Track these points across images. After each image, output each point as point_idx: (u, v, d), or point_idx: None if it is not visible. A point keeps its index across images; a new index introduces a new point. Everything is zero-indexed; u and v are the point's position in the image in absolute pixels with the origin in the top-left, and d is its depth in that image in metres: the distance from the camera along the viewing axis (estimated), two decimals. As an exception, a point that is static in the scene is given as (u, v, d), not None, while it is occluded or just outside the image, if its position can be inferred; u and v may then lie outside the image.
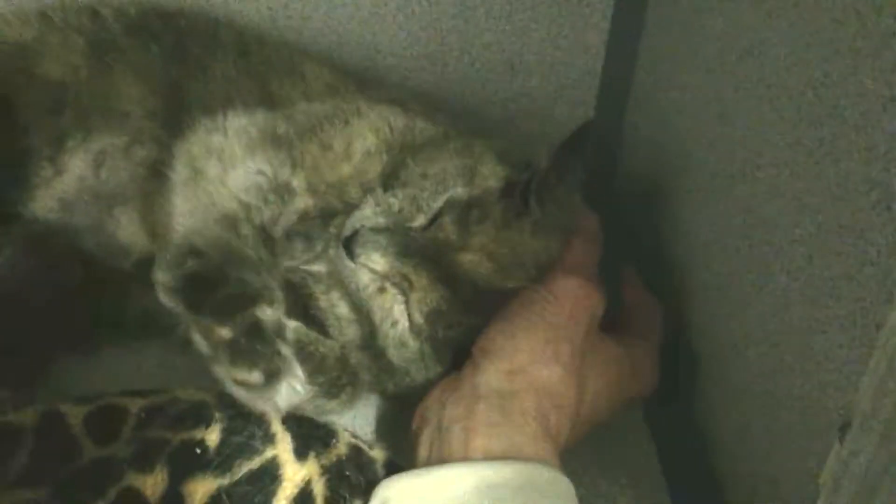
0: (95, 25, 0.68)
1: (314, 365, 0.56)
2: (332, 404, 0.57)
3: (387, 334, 0.55)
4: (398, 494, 0.44)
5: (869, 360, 0.41)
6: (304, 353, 0.55)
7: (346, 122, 0.60)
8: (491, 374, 0.50)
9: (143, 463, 0.44)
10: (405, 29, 0.79)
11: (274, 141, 0.59)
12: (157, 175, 0.63)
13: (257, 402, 0.48)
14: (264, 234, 0.57)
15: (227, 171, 0.58)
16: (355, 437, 0.49)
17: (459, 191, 0.55)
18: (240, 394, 0.48)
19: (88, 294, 0.65)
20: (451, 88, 0.82)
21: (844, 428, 0.41)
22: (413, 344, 0.54)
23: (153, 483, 0.43)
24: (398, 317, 0.54)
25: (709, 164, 0.61)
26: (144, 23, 0.69)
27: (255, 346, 0.48)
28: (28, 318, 0.62)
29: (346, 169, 0.59)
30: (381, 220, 0.55)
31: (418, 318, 0.54)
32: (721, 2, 0.60)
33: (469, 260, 0.53)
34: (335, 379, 0.57)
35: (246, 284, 0.52)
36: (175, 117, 0.64)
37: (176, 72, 0.66)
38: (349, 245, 0.54)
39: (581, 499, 0.47)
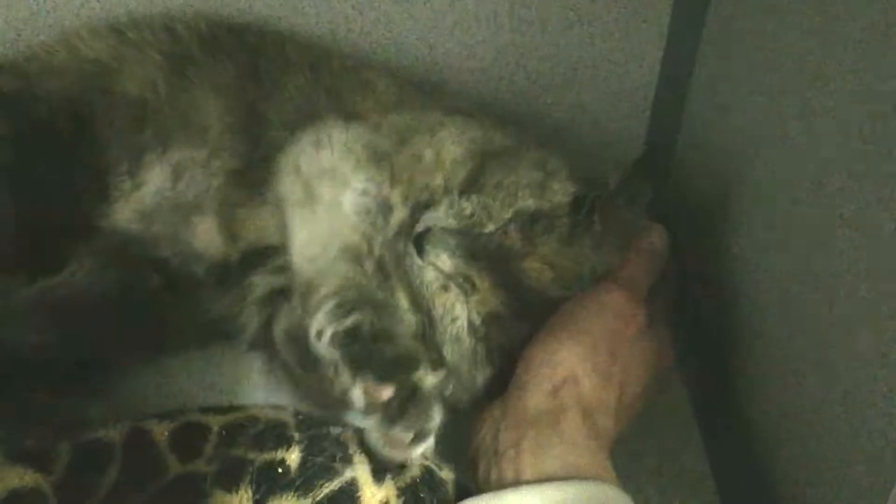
0: (171, 40, 0.69)
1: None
2: None
3: (445, 329, 0.58)
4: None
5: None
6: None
7: (433, 133, 0.62)
8: (537, 396, 0.52)
9: (229, 482, 0.46)
10: (463, 43, 0.80)
11: (376, 156, 0.61)
12: (235, 184, 0.65)
13: (394, 454, 0.49)
14: (382, 266, 0.59)
15: (340, 194, 0.59)
16: (426, 458, 0.51)
17: (530, 202, 0.58)
18: (380, 447, 0.49)
19: (160, 301, 0.67)
20: (506, 101, 0.83)
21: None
22: (468, 341, 0.57)
23: (238, 502, 0.45)
24: (458, 314, 0.57)
25: (767, 186, 0.62)
26: (217, 38, 0.70)
27: (411, 409, 0.49)
28: (105, 328, 0.65)
29: (437, 179, 0.60)
30: (453, 223, 0.58)
31: (476, 319, 0.57)
32: (785, 25, 0.60)
33: (532, 268, 0.57)
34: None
35: (406, 345, 0.52)
36: (255, 131, 0.66)
37: (252, 87, 0.68)
38: (419, 242, 0.57)
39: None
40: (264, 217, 0.64)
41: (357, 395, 0.49)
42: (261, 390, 0.66)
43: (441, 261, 0.57)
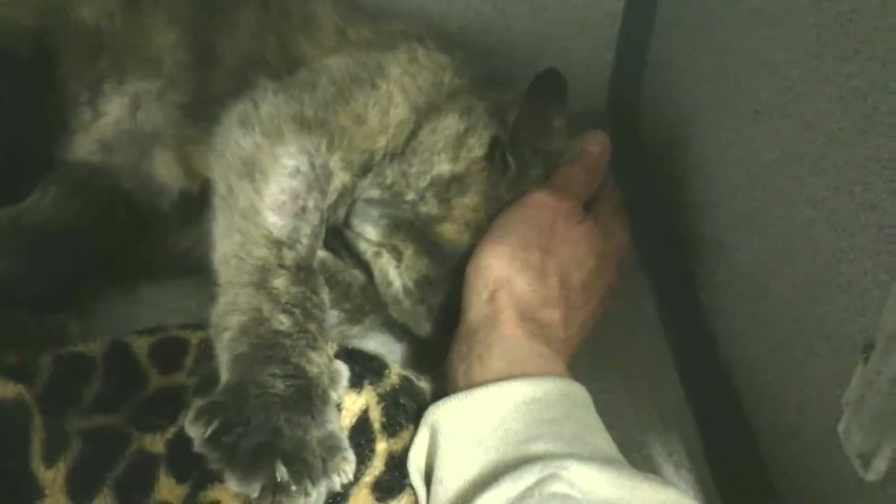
0: None
1: (339, 292, 0.60)
2: (355, 330, 0.62)
3: (385, 293, 0.59)
4: (446, 416, 0.47)
5: (892, 285, 0.43)
6: (332, 281, 0.59)
7: (374, 85, 0.60)
8: (476, 306, 0.53)
9: (210, 394, 0.47)
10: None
11: (310, 124, 0.57)
12: (188, 119, 0.65)
13: None
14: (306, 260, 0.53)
15: (258, 193, 0.53)
16: (405, 369, 0.52)
17: (445, 168, 0.58)
18: None
19: (130, 233, 0.67)
20: (473, 31, 0.83)
21: (868, 349, 0.44)
22: (407, 302, 0.59)
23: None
24: (392, 278, 0.59)
25: (735, 100, 0.63)
26: None
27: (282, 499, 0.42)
28: (74, 256, 0.65)
29: (381, 141, 0.59)
30: (376, 193, 0.59)
31: (409, 283, 0.58)
32: None
33: (449, 230, 0.57)
34: (359, 306, 0.61)
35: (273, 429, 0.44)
36: (206, 67, 0.65)
37: (205, 21, 0.66)
38: (347, 214, 0.57)
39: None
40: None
41: None
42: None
43: (367, 231, 0.58)
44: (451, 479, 0.44)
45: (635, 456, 0.58)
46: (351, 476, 0.45)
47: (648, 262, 0.72)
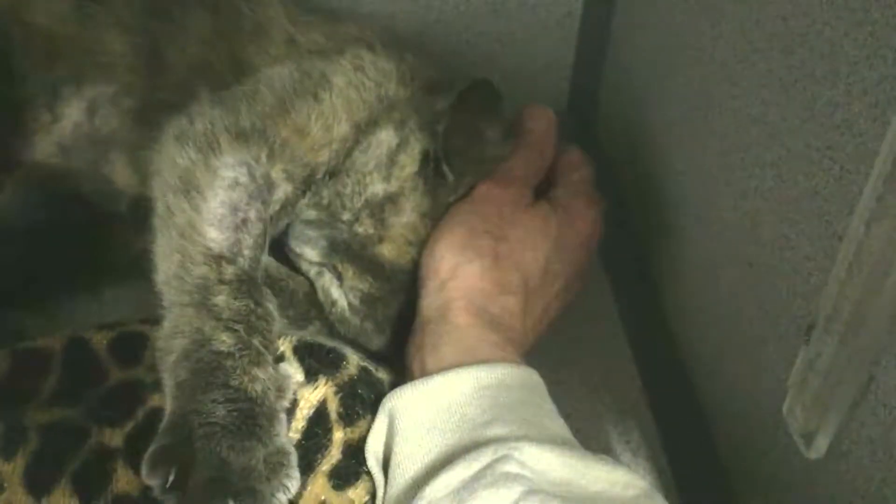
0: None
1: (284, 299, 0.59)
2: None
3: (330, 311, 0.59)
4: (403, 403, 0.47)
5: (831, 270, 0.45)
6: (276, 288, 0.59)
7: (316, 97, 0.59)
8: (428, 297, 0.54)
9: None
10: (392, -29, 0.80)
11: (248, 135, 0.56)
12: (141, 125, 0.64)
13: None
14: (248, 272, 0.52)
15: (195, 209, 0.52)
16: (364, 359, 0.52)
17: (378, 188, 0.58)
18: None
19: (88, 237, 0.67)
20: (434, 31, 0.84)
21: (809, 330, 0.46)
22: (353, 321, 0.59)
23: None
24: (336, 297, 0.59)
25: (686, 96, 0.65)
26: None
27: None
28: (34, 256, 0.65)
29: (323, 156, 0.58)
30: (313, 214, 0.59)
31: (354, 301, 0.58)
32: None
33: (389, 249, 0.57)
34: (304, 313, 0.61)
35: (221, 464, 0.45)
36: (157, 75, 0.65)
37: (155, 26, 0.66)
38: (286, 234, 0.58)
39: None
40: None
41: None
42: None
43: (306, 253, 0.59)
44: (409, 462, 0.45)
45: (592, 443, 0.59)
46: (294, 490, 0.45)
47: (605, 255, 0.74)
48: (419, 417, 0.46)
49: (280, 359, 0.51)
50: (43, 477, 0.45)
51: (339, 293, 0.59)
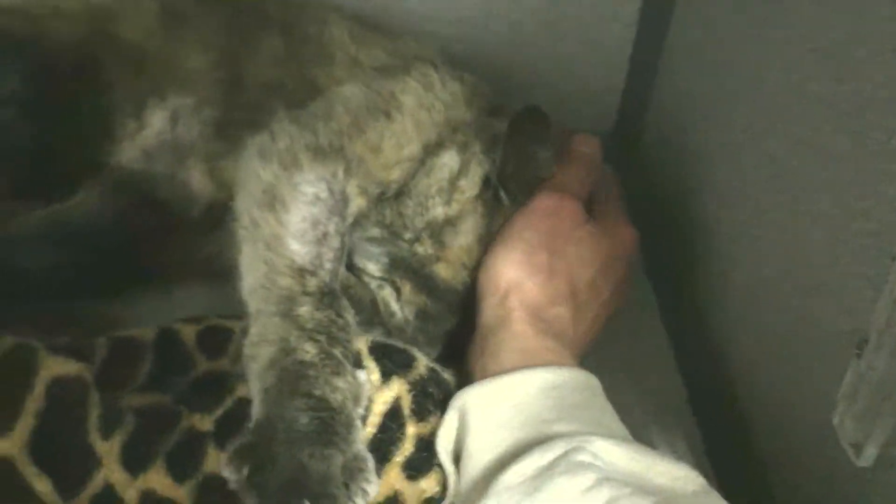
0: None
1: (352, 304, 0.61)
2: None
3: (388, 321, 0.62)
4: (474, 401, 0.50)
5: (883, 286, 0.47)
6: (345, 294, 0.60)
7: (388, 117, 0.62)
8: (488, 310, 0.57)
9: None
10: (449, -6, 0.84)
11: (326, 152, 0.58)
12: (220, 136, 0.68)
13: None
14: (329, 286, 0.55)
15: (281, 223, 0.55)
16: (431, 361, 0.56)
17: (439, 211, 0.61)
18: None
19: (162, 238, 0.71)
20: (490, 50, 0.88)
21: (861, 344, 0.48)
22: (408, 331, 0.61)
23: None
24: (394, 309, 0.62)
25: (736, 121, 0.68)
26: None
27: None
28: (114, 251, 0.69)
29: (395, 174, 0.61)
30: (376, 231, 0.62)
31: (409, 315, 0.61)
32: None
33: (444, 270, 0.60)
34: (369, 318, 0.64)
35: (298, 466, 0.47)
36: (235, 90, 0.69)
37: (234, 44, 0.69)
38: (350, 251, 0.60)
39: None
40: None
41: None
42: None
43: (368, 268, 0.62)
44: (480, 455, 0.48)
45: (641, 449, 0.62)
46: (372, 495, 0.48)
47: (653, 273, 0.77)
48: (489, 414, 0.49)
49: (357, 361, 0.53)
50: (139, 456, 0.48)
51: (396, 306, 0.62)
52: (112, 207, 0.70)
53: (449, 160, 0.62)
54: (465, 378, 0.56)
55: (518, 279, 0.56)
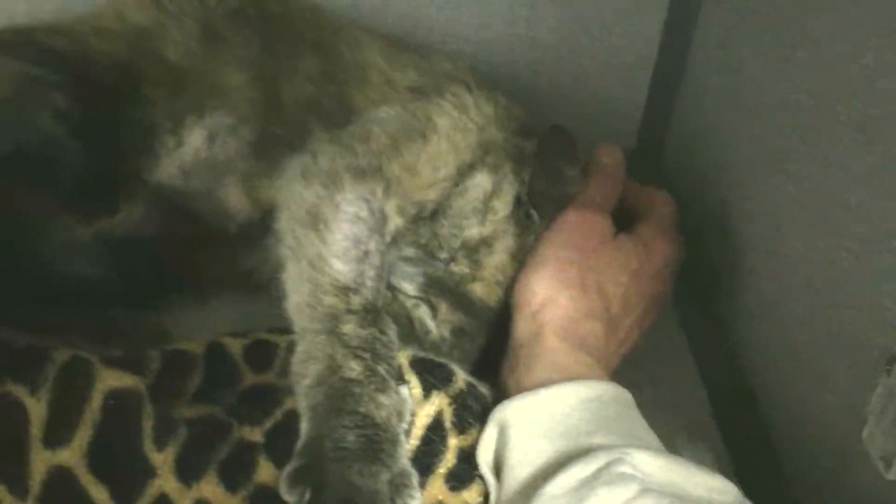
0: (204, 12, 0.73)
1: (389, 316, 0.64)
2: None
3: (423, 339, 0.64)
4: (512, 414, 0.52)
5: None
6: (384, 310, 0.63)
7: (424, 138, 0.63)
8: (521, 325, 0.58)
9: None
10: (478, 15, 0.86)
11: (365, 172, 0.60)
12: (257, 155, 0.70)
13: None
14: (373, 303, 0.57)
15: (324, 243, 0.57)
16: (469, 375, 0.57)
17: (473, 231, 0.62)
18: None
19: (200, 253, 0.73)
20: (517, 70, 0.90)
21: (891, 361, 0.50)
22: (444, 349, 0.63)
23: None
24: (430, 328, 0.63)
25: (758, 140, 0.69)
26: (242, 11, 0.74)
27: None
28: (157, 265, 0.70)
29: (431, 195, 0.63)
30: (411, 251, 0.63)
31: (445, 333, 0.63)
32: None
33: (480, 288, 0.62)
34: (405, 334, 0.64)
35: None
36: (272, 110, 0.70)
37: (270, 65, 0.71)
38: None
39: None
40: (275, 188, 0.67)
41: None
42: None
43: (404, 287, 0.63)
44: (521, 467, 0.49)
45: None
46: None
47: (677, 291, 0.78)
48: (528, 426, 0.51)
49: (399, 376, 0.55)
50: (192, 466, 0.50)
51: (432, 324, 0.63)
52: (152, 222, 0.71)
53: (482, 181, 0.63)
54: (499, 391, 0.58)
55: (550, 294, 0.58)
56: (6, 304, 0.58)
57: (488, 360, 0.62)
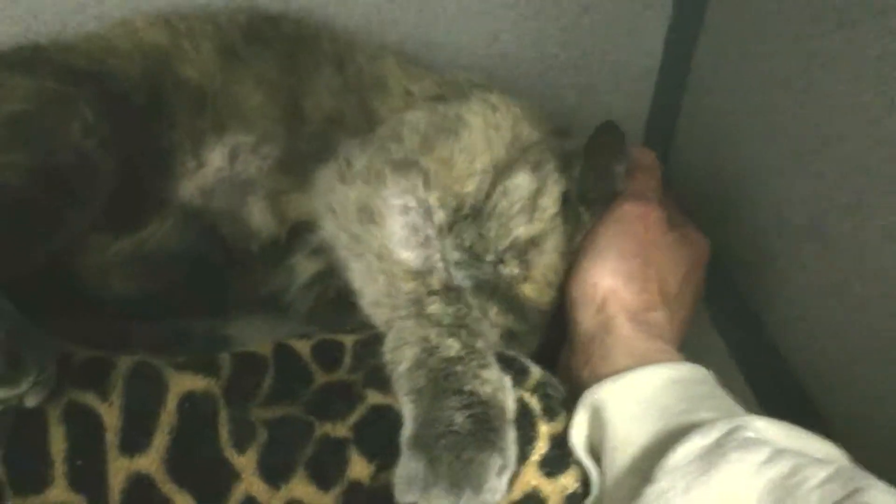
0: (217, 32, 0.72)
1: None
2: None
3: None
4: (606, 397, 0.51)
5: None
6: None
7: (456, 133, 0.64)
8: (586, 320, 0.57)
9: (381, 384, 0.51)
10: (487, 29, 0.87)
11: (403, 166, 0.60)
12: (280, 172, 0.68)
13: None
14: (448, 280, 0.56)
15: (382, 232, 0.57)
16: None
17: (521, 231, 0.61)
18: None
19: (223, 272, 0.70)
20: (525, 82, 0.91)
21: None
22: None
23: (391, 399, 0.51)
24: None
25: (787, 139, 0.70)
26: (257, 30, 0.73)
27: None
28: (183, 285, 0.68)
29: (469, 186, 0.63)
30: (457, 255, 0.62)
31: (495, 338, 0.61)
32: (784, 11, 0.69)
33: (530, 290, 0.61)
34: None
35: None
36: (295, 122, 0.69)
37: (290, 81, 0.70)
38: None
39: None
40: (305, 202, 0.67)
41: None
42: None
43: None
44: (624, 447, 0.48)
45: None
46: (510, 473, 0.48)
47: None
48: (623, 408, 0.50)
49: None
50: (278, 466, 0.48)
51: (485, 326, 0.61)
52: (180, 239, 0.69)
53: (523, 181, 0.63)
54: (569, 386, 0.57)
55: (614, 287, 0.57)
56: (54, 319, 0.55)
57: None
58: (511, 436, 0.49)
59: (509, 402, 0.51)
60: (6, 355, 0.43)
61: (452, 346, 0.51)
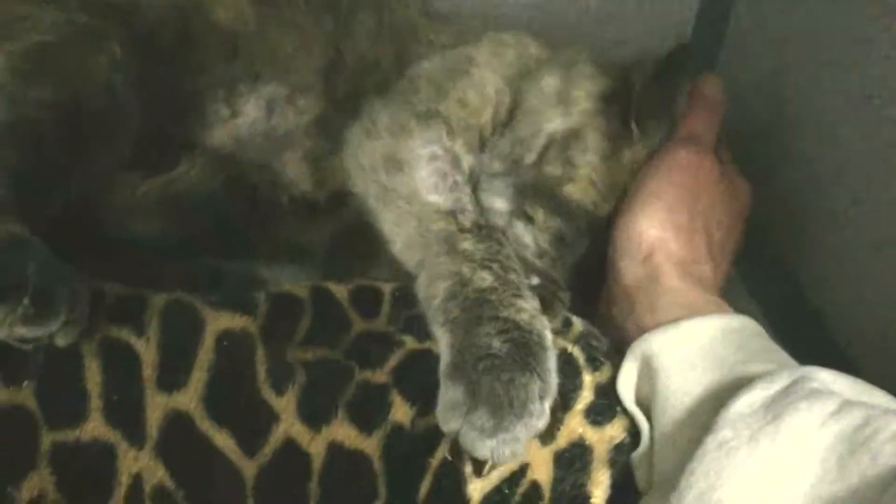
0: None
1: None
2: None
3: (523, 256, 0.60)
4: (658, 346, 0.49)
5: None
6: None
7: (467, 73, 0.63)
8: (632, 269, 0.55)
9: (420, 333, 0.50)
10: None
11: (426, 117, 0.60)
12: (320, 132, 0.67)
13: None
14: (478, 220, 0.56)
15: (412, 179, 0.57)
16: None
17: (556, 123, 0.60)
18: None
19: (252, 218, 0.69)
20: (560, 34, 0.87)
21: None
22: (546, 263, 0.60)
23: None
24: (528, 242, 0.61)
25: (831, 92, 0.68)
26: None
27: None
28: (210, 226, 0.66)
29: (486, 115, 0.62)
30: (497, 166, 0.61)
31: (543, 243, 0.60)
32: None
33: (574, 190, 0.59)
34: None
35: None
36: (333, 72, 0.67)
37: (330, 26, 0.68)
38: (474, 192, 0.60)
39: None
40: (343, 170, 0.65)
41: None
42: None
43: (496, 203, 0.61)
44: (678, 396, 0.47)
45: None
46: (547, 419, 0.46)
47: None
48: (677, 357, 0.48)
49: None
50: (317, 408, 0.46)
51: (530, 238, 0.60)
52: (206, 185, 0.67)
53: (551, 79, 0.63)
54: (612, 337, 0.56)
55: (661, 238, 0.55)
56: (85, 259, 0.53)
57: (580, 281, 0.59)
58: (552, 362, 0.48)
59: (547, 331, 0.49)
60: (35, 293, 0.41)
61: (486, 279, 0.50)
